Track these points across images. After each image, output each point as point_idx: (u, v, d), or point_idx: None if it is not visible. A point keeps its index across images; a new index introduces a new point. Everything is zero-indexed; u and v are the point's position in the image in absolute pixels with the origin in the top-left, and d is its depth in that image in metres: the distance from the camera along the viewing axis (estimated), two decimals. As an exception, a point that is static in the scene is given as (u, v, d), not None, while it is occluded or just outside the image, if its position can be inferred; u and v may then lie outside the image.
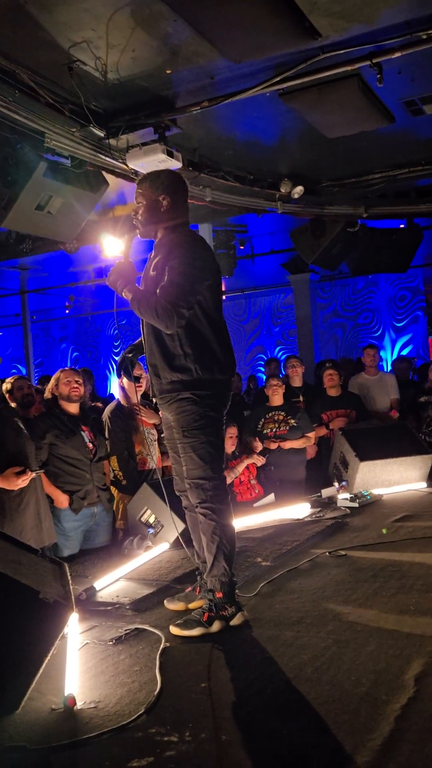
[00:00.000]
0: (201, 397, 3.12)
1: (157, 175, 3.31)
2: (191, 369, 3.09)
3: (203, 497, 3.12)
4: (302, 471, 6.47)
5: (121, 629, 3.12)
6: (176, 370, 3.11)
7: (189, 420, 3.13)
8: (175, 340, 3.11)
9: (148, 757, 2.06)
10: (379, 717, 2.17)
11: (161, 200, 3.20)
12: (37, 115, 4.81)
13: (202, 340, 3.13)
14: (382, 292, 13.66)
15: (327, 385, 6.92)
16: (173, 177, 3.32)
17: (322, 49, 4.50)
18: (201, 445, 3.12)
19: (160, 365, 3.16)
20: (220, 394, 3.19)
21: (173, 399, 3.16)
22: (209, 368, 3.12)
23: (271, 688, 2.46)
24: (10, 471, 3.94)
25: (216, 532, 3.10)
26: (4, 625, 2.40)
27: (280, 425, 6.30)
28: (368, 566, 3.80)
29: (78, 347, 17.18)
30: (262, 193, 7.11)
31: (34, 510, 4.16)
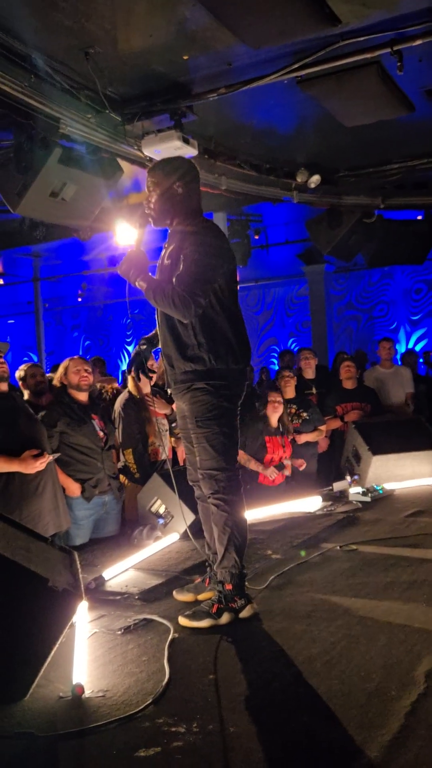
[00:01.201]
0: (215, 387, 3.09)
1: (169, 162, 3.27)
2: (204, 359, 3.07)
3: (216, 488, 3.10)
4: (314, 464, 6.44)
5: (129, 619, 3.10)
6: (190, 360, 3.09)
7: (203, 410, 3.10)
8: (188, 330, 3.08)
9: (155, 747, 2.05)
10: (388, 712, 2.14)
11: (174, 188, 3.16)
12: (53, 101, 4.78)
13: (216, 329, 3.09)
14: (398, 285, 13.55)
15: (343, 377, 6.87)
16: (186, 164, 3.27)
17: (341, 36, 4.44)
18: (214, 435, 3.09)
19: (174, 355, 3.13)
20: (234, 384, 3.16)
21: (187, 389, 3.13)
22: (223, 358, 3.09)
23: (279, 681, 2.44)
24: (27, 454, 3.95)
25: (228, 524, 3.08)
26: (14, 613, 2.39)
27: (293, 418, 6.25)
28: (379, 561, 3.77)
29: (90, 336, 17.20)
30: (278, 182, 7.06)
31: (52, 493, 4.17)
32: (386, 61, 4.71)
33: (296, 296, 14.61)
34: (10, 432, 4.01)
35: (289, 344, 14.56)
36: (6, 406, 4.11)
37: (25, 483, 4.00)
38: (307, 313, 13.75)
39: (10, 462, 3.90)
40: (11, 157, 5.25)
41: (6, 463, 3.89)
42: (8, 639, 2.39)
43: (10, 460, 3.91)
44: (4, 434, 3.97)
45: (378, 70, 4.82)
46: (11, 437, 4.00)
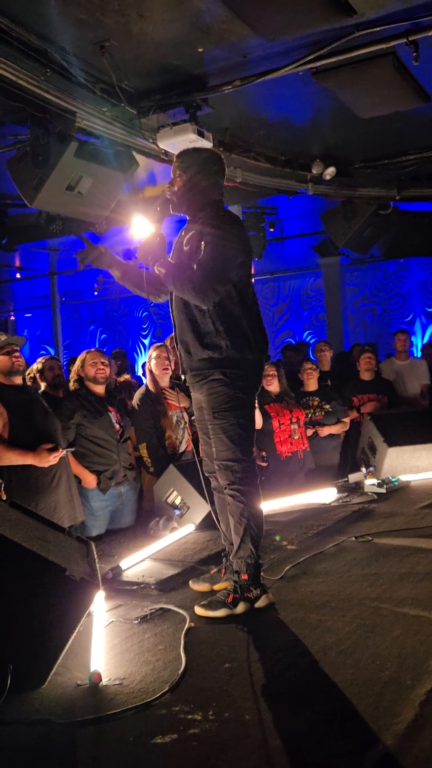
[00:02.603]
0: (232, 378, 3.11)
1: (198, 152, 3.32)
2: (222, 346, 3.09)
3: (232, 479, 3.12)
4: (336, 456, 6.38)
5: (146, 608, 3.14)
6: (207, 347, 3.10)
7: (219, 401, 3.12)
8: (206, 317, 3.10)
9: (172, 734, 2.08)
10: (403, 702, 2.16)
11: (200, 177, 3.20)
12: (69, 95, 4.78)
13: (233, 318, 3.12)
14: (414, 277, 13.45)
15: (362, 368, 6.86)
16: (212, 155, 3.34)
17: (357, 27, 4.41)
18: (231, 426, 3.11)
19: (191, 342, 3.15)
20: (251, 374, 3.18)
21: (204, 379, 3.15)
22: (239, 347, 3.11)
23: (294, 670, 2.46)
24: (42, 447, 3.98)
25: (244, 515, 3.10)
26: (32, 601, 2.43)
27: (315, 411, 6.22)
28: (395, 552, 3.77)
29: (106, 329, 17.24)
30: (294, 174, 7.03)
31: (66, 486, 4.22)
32: (402, 51, 4.67)
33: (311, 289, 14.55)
34: (25, 425, 4.05)
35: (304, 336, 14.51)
36: (22, 399, 4.15)
37: (41, 476, 4.04)
38: (322, 305, 13.69)
39: (24, 455, 3.94)
40: (28, 151, 5.28)
41: (21, 456, 3.93)
42: (27, 627, 2.43)
43: (24, 453, 3.94)
44: (20, 427, 4.00)
45: (393, 61, 4.78)
46: (26, 430, 4.04)
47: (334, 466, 6.36)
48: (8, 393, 4.07)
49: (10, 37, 4.23)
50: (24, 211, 7.41)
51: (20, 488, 3.92)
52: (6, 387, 4.10)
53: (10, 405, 4.03)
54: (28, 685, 2.41)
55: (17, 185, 5.44)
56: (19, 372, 4.15)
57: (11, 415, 3.99)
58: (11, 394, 4.08)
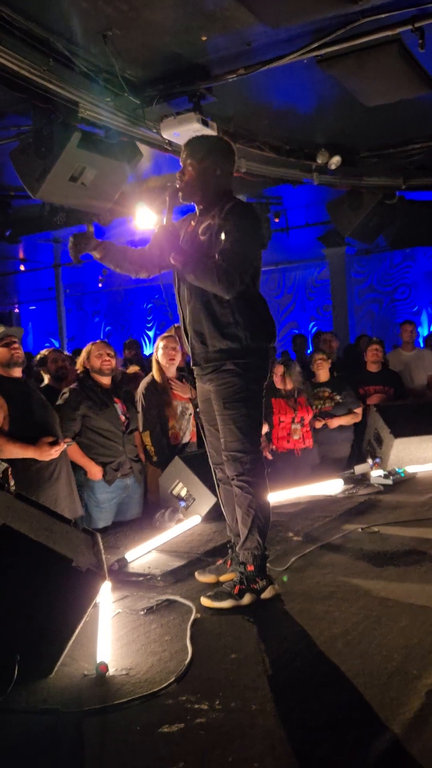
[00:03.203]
0: (245, 369, 3.10)
1: (208, 140, 3.31)
2: (240, 337, 3.08)
3: (240, 470, 3.11)
4: (347, 447, 6.32)
5: (152, 599, 3.14)
6: (227, 338, 3.09)
7: (231, 392, 3.11)
8: (225, 308, 3.08)
9: (179, 724, 2.08)
10: (409, 691, 2.16)
11: (210, 165, 3.17)
12: (72, 85, 4.76)
13: (252, 308, 3.12)
14: (420, 267, 13.39)
15: (369, 360, 6.83)
16: (222, 142, 3.33)
17: (362, 14, 4.36)
18: (241, 417, 3.11)
19: (209, 333, 3.11)
20: (262, 363, 3.19)
21: (217, 369, 3.14)
22: (258, 336, 3.12)
23: (301, 661, 2.46)
24: (43, 441, 3.97)
25: (252, 506, 3.10)
26: (39, 592, 2.43)
27: (326, 402, 6.18)
28: (401, 543, 3.77)
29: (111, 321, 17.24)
30: (298, 164, 6.98)
31: (66, 479, 4.21)
32: (407, 38, 4.62)
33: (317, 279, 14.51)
34: (25, 418, 4.03)
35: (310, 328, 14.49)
36: (21, 391, 4.13)
37: (41, 469, 4.04)
38: (328, 296, 13.65)
39: (26, 448, 3.93)
40: (31, 142, 5.25)
41: (22, 450, 3.92)
42: (34, 618, 2.43)
43: (26, 446, 3.93)
44: (19, 420, 3.99)
45: (399, 48, 4.74)
46: (26, 423, 4.02)
47: (344, 458, 6.28)
48: (7, 385, 4.05)
49: (12, 27, 4.20)
50: (28, 203, 7.39)
51: (21, 482, 3.90)
52: (5, 379, 4.07)
53: (10, 397, 4.01)
54: (35, 675, 2.42)
55: (20, 176, 5.42)
56: (19, 364, 4.11)
57: (11, 408, 3.98)
58: (10, 387, 4.06)
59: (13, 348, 4.05)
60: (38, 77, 4.52)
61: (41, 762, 1.99)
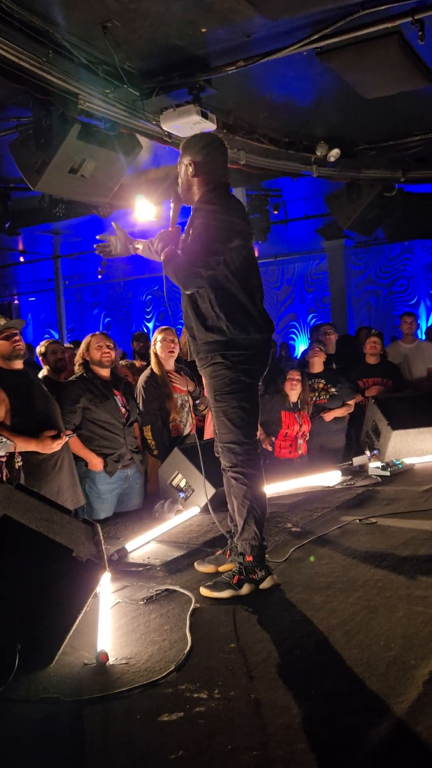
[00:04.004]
0: (233, 362, 3.12)
1: (190, 140, 3.31)
2: (224, 329, 3.10)
3: (234, 461, 3.15)
4: (342, 438, 6.42)
5: (152, 589, 3.17)
6: (210, 331, 3.13)
7: (221, 384, 3.14)
8: (206, 302, 3.13)
9: (178, 712, 2.10)
10: (407, 681, 2.18)
11: (192, 165, 3.21)
12: (71, 76, 4.75)
13: (233, 300, 3.12)
14: (418, 259, 13.40)
15: (368, 352, 6.86)
16: (204, 139, 3.32)
17: (362, 5, 4.36)
18: (232, 409, 3.13)
19: (196, 327, 3.18)
20: (258, 354, 3.18)
21: (208, 362, 3.18)
22: (243, 328, 3.12)
23: (299, 650, 2.48)
24: (46, 434, 3.99)
25: (247, 496, 3.12)
26: (40, 582, 2.45)
27: (320, 394, 6.24)
28: (399, 534, 3.79)
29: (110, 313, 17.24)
30: (298, 156, 6.98)
31: (69, 470, 4.23)
32: (407, 30, 4.61)
33: (315, 271, 14.51)
34: (26, 410, 4.04)
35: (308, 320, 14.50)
36: (22, 384, 4.13)
37: (44, 461, 4.06)
38: (326, 288, 13.66)
39: (28, 442, 3.94)
40: (30, 133, 5.25)
41: (25, 443, 3.93)
42: (34, 608, 2.45)
43: (28, 439, 3.94)
44: (22, 413, 3.99)
45: (399, 40, 4.73)
46: (28, 416, 4.03)
47: (339, 449, 6.39)
48: (9, 378, 4.05)
49: (11, 18, 4.20)
50: (27, 195, 7.39)
51: (24, 474, 3.93)
52: (6, 372, 4.07)
53: (12, 390, 4.01)
54: (36, 665, 2.44)
55: (20, 168, 5.41)
56: (20, 356, 4.10)
57: (13, 401, 3.98)
58: (12, 380, 4.06)
59: (15, 340, 4.05)
60: (38, 68, 4.52)
61: (42, 750, 2.02)
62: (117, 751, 1.97)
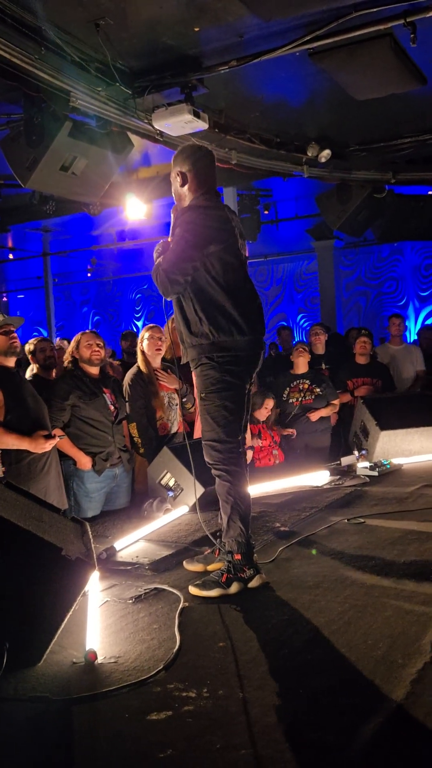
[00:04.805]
0: (219, 363, 3.18)
1: (178, 152, 3.41)
2: (207, 333, 3.17)
3: (216, 458, 3.20)
4: (327, 438, 6.49)
5: (140, 588, 3.17)
6: (195, 335, 3.21)
7: (207, 383, 3.21)
8: (190, 307, 3.21)
9: (167, 711, 2.11)
10: (394, 680, 2.19)
11: (180, 175, 3.31)
12: (63, 74, 4.74)
13: (214, 304, 3.18)
14: (407, 261, 13.46)
15: (358, 352, 6.90)
16: (190, 149, 3.41)
17: (354, 7, 4.38)
18: (216, 408, 3.19)
19: (184, 332, 3.26)
20: (244, 355, 3.21)
21: (196, 363, 3.25)
22: (226, 330, 3.17)
23: (287, 649, 2.49)
24: (39, 434, 3.98)
25: (230, 493, 3.16)
26: (28, 581, 2.45)
27: (305, 394, 6.28)
28: (387, 534, 3.81)
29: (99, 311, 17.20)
30: (289, 157, 7.00)
31: (56, 471, 4.23)
32: (399, 33, 4.64)
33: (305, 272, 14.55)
34: (19, 408, 4.03)
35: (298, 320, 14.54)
36: (14, 382, 4.12)
37: (33, 462, 4.05)
38: (316, 288, 13.70)
39: (21, 440, 3.93)
40: (21, 130, 5.23)
41: (17, 441, 3.92)
42: (23, 606, 2.45)
43: (21, 437, 3.94)
44: (14, 410, 3.99)
45: (391, 42, 4.75)
46: (20, 413, 4.02)
47: (325, 448, 6.43)
48: (2, 375, 4.05)
49: (4, 15, 4.18)
50: (17, 192, 7.36)
51: (14, 474, 3.92)
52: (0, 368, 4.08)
53: (5, 387, 4.01)
54: (24, 663, 2.44)
55: (11, 165, 5.40)
56: (16, 353, 4.11)
57: (6, 398, 3.98)
58: (4, 376, 4.05)
59: (12, 337, 4.06)
60: (30, 65, 4.51)
61: (31, 749, 2.01)
62: (105, 750, 1.97)
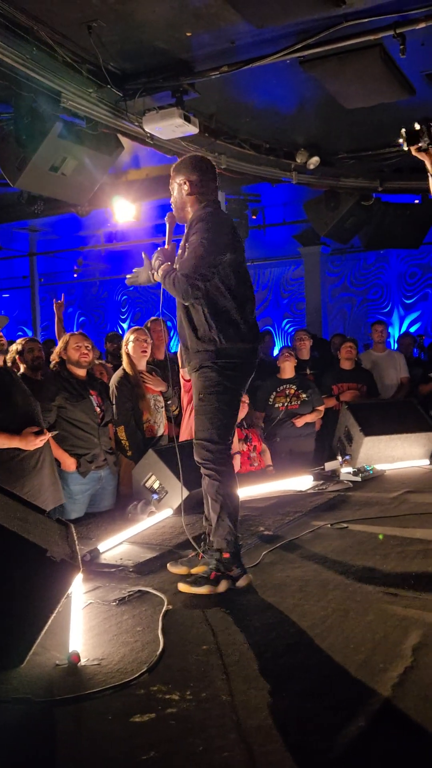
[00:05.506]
0: (221, 368, 3.26)
1: (182, 161, 3.49)
2: (215, 339, 3.25)
3: (207, 458, 3.25)
4: (311, 443, 6.50)
5: (124, 591, 3.17)
6: (202, 341, 3.28)
7: (207, 385, 3.28)
8: (200, 313, 3.28)
9: (150, 713, 2.11)
10: (376, 683, 2.21)
11: (188, 183, 3.38)
12: (54, 74, 4.75)
13: (224, 312, 3.28)
14: (393, 268, 13.55)
15: (343, 357, 6.94)
16: (195, 160, 3.49)
17: (345, 17, 4.43)
18: (212, 409, 3.25)
19: (190, 337, 3.32)
20: (243, 364, 3.33)
21: (198, 367, 3.32)
22: (232, 338, 3.27)
23: (271, 652, 2.51)
24: (28, 431, 3.97)
25: (219, 492, 3.22)
26: (12, 582, 2.44)
27: (291, 399, 6.29)
28: (369, 539, 3.84)
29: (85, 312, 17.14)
30: (278, 163, 7.05)
31: (50, 468, 4.22)
32: (389, 43, 4.70)
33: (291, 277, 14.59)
34: (7, 407, 4.02)
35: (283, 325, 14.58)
36: (3, 380, 4.11)
37: (26, 459, 4.03)
38: (301, 294, 13.74)
39: (11, 438, 3.92)
40: (11, 130, 5.23)
41: (7, 440, 3.91)
42: (6, 607, 2.44)
43: (11, 436, 3.92)
44: (3, 409, 3.98)
45: (380, 53, 4.81)
46: (9, 412, 4.01)
47: (309, 453, 6.45)
48: None
49: (-4, 14, 4.18)
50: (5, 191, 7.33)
51: (5, 472, 3.91)
52: None
53: None
54: (7, 665, 2.43)
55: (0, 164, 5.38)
56: (3, 351, 4.12)
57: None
58: None
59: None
60: (21, 65, 4.51)
61: (12, 750, 2.01)
62: (88, 752, 1.97)
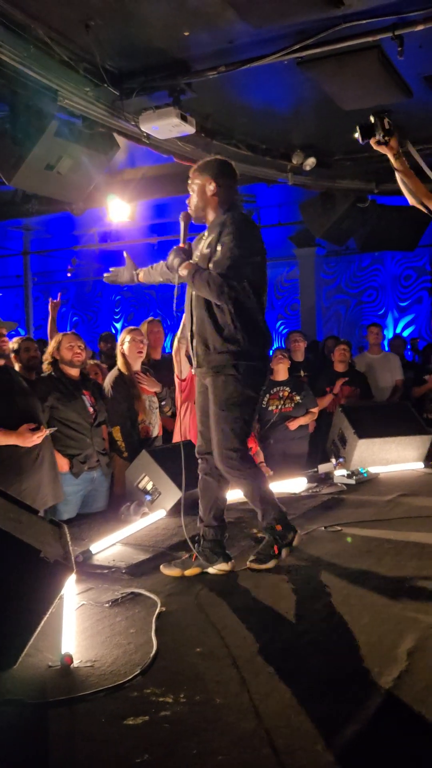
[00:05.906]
0: (243, 375, 3.34)
1: (207, 163, 3.56)
2: (239, 339, 3.32)
3: (233, 465, 3.37)
4: (304, 445, 6.49)
5: (117, 592, 3.15)
6: (227, 341, 3.34)
7: (228, 396, 3.36)
8: (225, 314, 3.33)
9: (143, 716, 2.10)
10: (371, 689, 2.20)
11: (209, 186, 3.45)
12: (51, 72, 4.72)
13: (249, 314, 3.36)
14: (388, 271, 13.57)
15: (337, 359, 6.95)
16: (222, 163, 3.58)
17: (344, 18, 4.42)
18: (235, 420, 3.36)
19: (211, 337, 3.37)
20: (262, 368, 3.44)
21: (219, 372, 3.36)
22: (255, 341, 3.37)
23: (264, 656, 2.49)
24: (24, 427, 3.99)
25: (255, 490, 3.42)
26: (5, 582, 2.42)
27: (285, 402, 6.28)
28: (363, 542, 3.83)
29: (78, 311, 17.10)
30: (274, 164, 7.03)
31: (50, 465, 4.23)
32: (387, 45, 4.69)
33: (286, 278, 14.59)
34: (6, 406, 4.05)
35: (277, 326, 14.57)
36: (3, 380, 4.14)
37: (25, 455, 4.05)
38: (296, 295, 13.74)
39: (8, 435, 3.96)
40: (7, 128, 5.19)
41: (5, 437, 3.94)
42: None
43: (8, 433, 3.96)
44: (2, 408, 4.00)
45: (378, 54, 4.81)
46: (8, 411, 4.04)
47: (302, 455, 6.44)
48: None
49: (-8, 11, 4.15)
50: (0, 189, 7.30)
51: (4, 469, 3.92)
52: None
53: None
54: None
55: (-5, 163, 5.35)
56: (4, 355, 4.17)
57: None
58: None
59: (3, 341, 4.15)
60: (17, 63, 4.48)
61: (5, 753, 1.99)
62: (81, 755, 1.95)
